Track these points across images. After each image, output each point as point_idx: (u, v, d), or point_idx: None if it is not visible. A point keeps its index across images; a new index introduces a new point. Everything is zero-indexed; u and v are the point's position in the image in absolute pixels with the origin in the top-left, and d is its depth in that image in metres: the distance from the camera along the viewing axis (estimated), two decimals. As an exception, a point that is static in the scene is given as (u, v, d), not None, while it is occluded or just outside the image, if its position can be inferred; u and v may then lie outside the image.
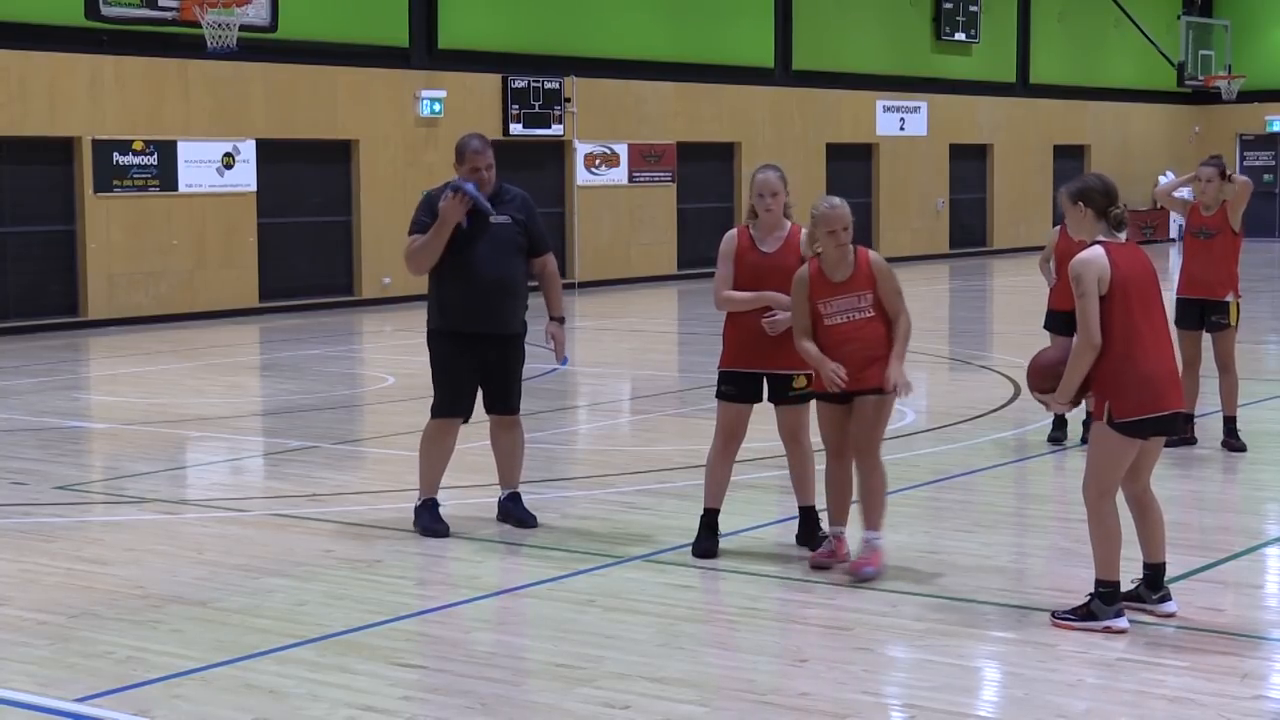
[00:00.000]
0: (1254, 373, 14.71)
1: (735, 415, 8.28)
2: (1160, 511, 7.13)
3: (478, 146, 8.75)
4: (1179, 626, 6.96)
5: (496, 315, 8.77)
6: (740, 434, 8.35)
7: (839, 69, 31.91)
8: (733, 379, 8.24)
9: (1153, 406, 6.83)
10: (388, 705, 6.05)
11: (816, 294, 7.82)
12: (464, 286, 8.71)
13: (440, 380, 8.91)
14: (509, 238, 8.78)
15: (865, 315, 7.79)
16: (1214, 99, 39.12)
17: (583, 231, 26.97)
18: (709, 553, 8.25)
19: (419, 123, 24.73)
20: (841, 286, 7.80)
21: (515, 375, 8.96)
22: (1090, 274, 6.83)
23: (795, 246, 8.17)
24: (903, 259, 32.37)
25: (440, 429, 8.96)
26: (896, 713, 6.06)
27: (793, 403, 8.27)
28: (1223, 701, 6.01)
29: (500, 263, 8.73)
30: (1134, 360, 6.83)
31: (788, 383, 8.21)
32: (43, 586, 7.83)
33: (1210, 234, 11.17)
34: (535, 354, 10.01)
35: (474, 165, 8.69)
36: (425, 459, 8.97)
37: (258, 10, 21.26)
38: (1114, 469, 6.90)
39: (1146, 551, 7.11)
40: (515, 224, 8.82)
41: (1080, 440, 11.43)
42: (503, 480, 9.11)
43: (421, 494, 8.99)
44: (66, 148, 21.16)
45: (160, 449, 11.97)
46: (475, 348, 8.79)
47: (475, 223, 8.70)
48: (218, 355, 18.35)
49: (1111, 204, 7.06)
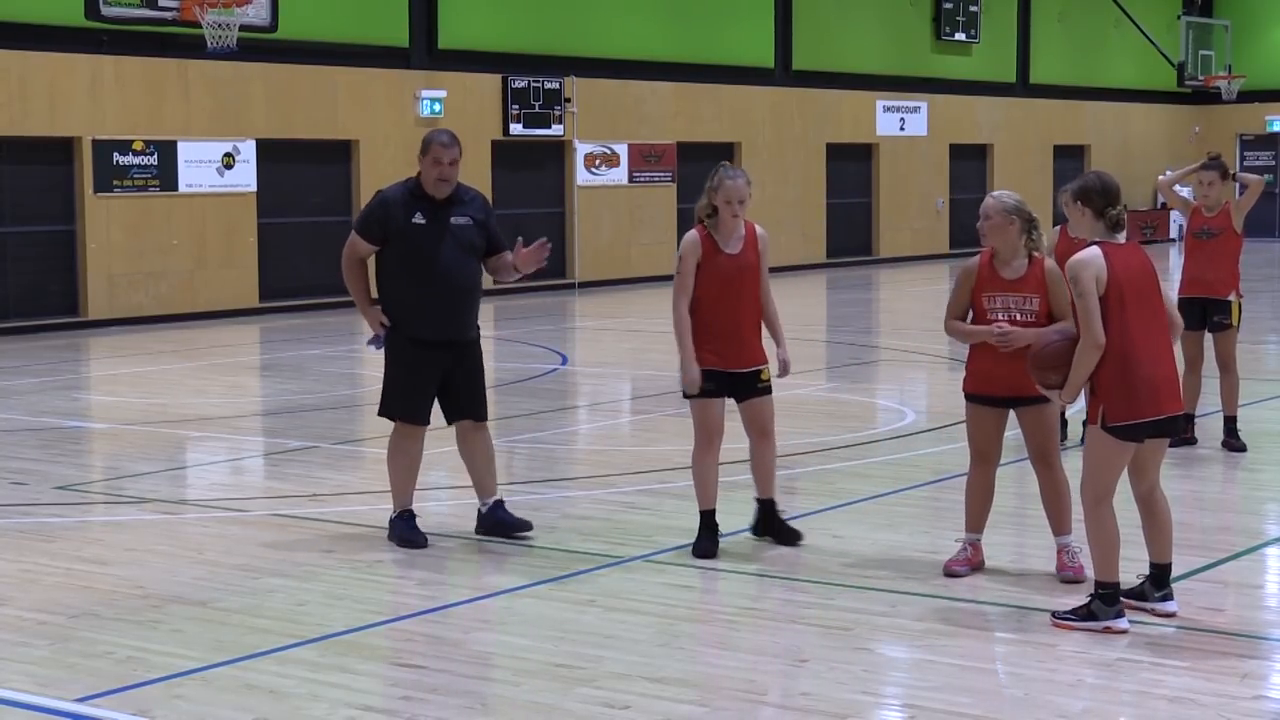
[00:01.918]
0: (1254, 373, 14.71)
1: (715, 411, 8.30)
2: (1168, 512, 7.12)
3: (445, 140, 8.45)
4: (1179, 626, 6.96)
5: (456, 319, 8.52)
6: (721, 429, 8.34)
7: (839, 69, 31.92)
8: (708, 376, 8.24)
9: (1147, 411, 6.82)
10: (388, 705, 6.05)
11: (982, 288, 7.75)
12: (424, 292, 8.45)
13: (404, 385, 8.57)
14: (468, 239, 8.53)
15: (1029, 319, 7.65)
16: (1214, 99, 39.13)
17: (583, 231, 26.97)
18: (709, 553, 8.24)
19: (419, 123, 24.71)
20: (1012, 285, 7.71)
21: (479, 379, 8.70)
22: (1087, 274, 6.83)
23: (755, 243, 8.32)
24: (903, 259, 32.42)
25: (407, 436, 8.63)
26: (896, 713, 6.06)
27: (761, 394, 8.33)
28: (1223, 701, 6.01)
29: (460, 265, 8.48)
30: (1129, 363, 6.81)
31: (756, 376, 8.30)
32: (43, 586, 7.83)
33: (1212, 234, 11.17)
34: (534, 354, 10.00)
35: (436, 157, 8.41)
36: (395, 470, 8.65)
37: (258, 10, 21.27)
38: (1109, 472, 6.90)
39: (1153, 551, 7.10)
40: (475, 224, 8.57)
41: (1080, 440, 11.43)
42: (482, 490, 8.76)
43: (395, 506, 8.68)
44: (66, 148, 21.16)
45: (160, 449, 11.97)
46: (434, 354, 8.53)
47: (434, 223, 8.46)
48: (218, 355, 18.35)
49: (1110, 204, 7.04)
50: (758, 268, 8.29)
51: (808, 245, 31.37)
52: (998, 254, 7.78)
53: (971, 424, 7.90)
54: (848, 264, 31.93)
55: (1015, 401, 7.73)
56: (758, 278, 8.31)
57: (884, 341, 19.15)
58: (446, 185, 8.50)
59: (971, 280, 7.79)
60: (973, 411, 7.87)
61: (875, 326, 21.49)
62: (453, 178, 8.50)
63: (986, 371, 7.75)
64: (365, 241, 8.65)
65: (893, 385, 15.67)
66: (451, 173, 8.48)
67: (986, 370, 7.75)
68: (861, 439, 11.94)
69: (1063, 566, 7.73)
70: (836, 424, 12.72)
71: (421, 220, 8.48)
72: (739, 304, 8.26)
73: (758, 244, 8.34)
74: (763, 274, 8.34)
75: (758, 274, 8.31)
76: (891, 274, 30.11)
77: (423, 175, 8.53)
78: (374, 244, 8.63)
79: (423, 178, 8.54)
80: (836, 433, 12.14)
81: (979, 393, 7.80)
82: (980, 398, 7.79)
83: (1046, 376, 7.10)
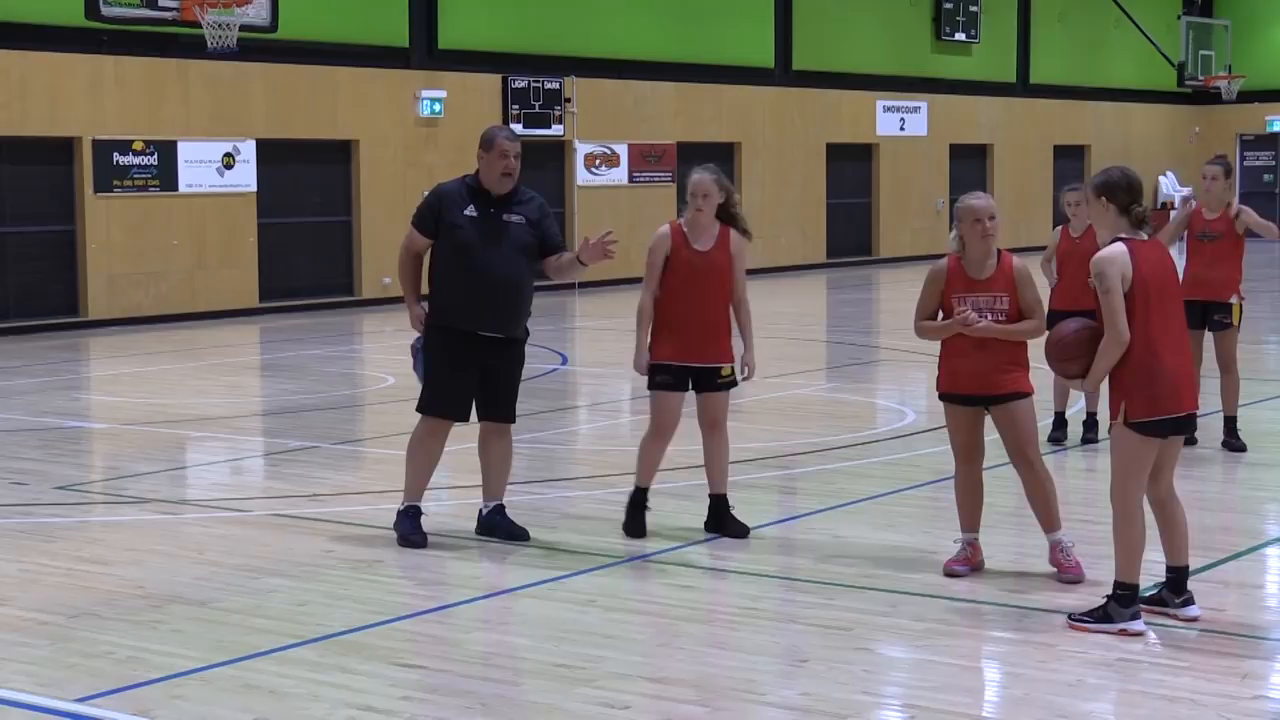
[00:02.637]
0: (1254, 373, 14.72)
1: (673, 404, 8.60)
2: (1183, 514, 7.10)
3: (509, 135, 8.53)
4: (1179, 626, 6.96)
5: (501, 315, 8.52)
6: (675, 423, 8.66)
7: (839, 69, 31.92)
8: (668, 370, 8.52)
9: (1169, 407, 6.81)
10: (388, 705, 6.05)
11: (952, 288, 7.75)
12: (470, 284, 8.46)
13: (436, 377, 8.60)
14: (519, 238, 8.55)
15: (999, 319, 7.66)
16: (1214, 99, 39.12)
17: (583, 231, 26.93)
18: (640, 532, 8.63)
19: (419, 123, 24.73)
20: (982, 284, 7.71)
21: (514, 381, 8.71)
22: (1113, 271, 6.78)
23: (727, 244, 8.53)
24: (903, 259, 32.40)
25: (431, 430, 8.66)
26: (896, 713, 6.06)
27: (719, 389, 8.59)
28: (1223, 701, 6.01)
29: (508, 262, 8.49)
30: (1151, 360, 6.79)
31: (716, 373, 8.55)
32: (43, 586, 7.83)
33: (1213, 236, 11.18)
34: (534, 354, 10.00)
35: (503, 151, 8.44)
36: (412, 462, 8.68)
37: (258, 10, 21.26)
38: (1138, 469, 6.86)
39: (1170, 554, 7.07)
40: (528, 224, 8.59)
41: (1080, 440, 11.44)
42: (489, 491, 8.76)
43: (406, 498, 8.70)
44: (66, 148, 21.16)
45: (160, 449, 11.97)
46: (476, 348, 8.54)
47: (485, 219, 8.50)
48: (218, 355, 18.35)
49: (1135, 200, 6.98)
50: (728, 268, 8.51)
51: (808, 245, 31.37)
52: (968, 255, 7.76)
53: (950, 424, 7.91)
54: (848, 264, 31.93)
55: (987, 400, 7.73)
56: (726, 278, 8.52)
57: (884, 341, 19.15)
58: (510, 179, 8.55)
59: (941, 281, 7.80)
60: (949, 411, 7.89)
61: (875, 326, 21.49)
62: (516, 172, 8.55)
63: (955, 370, 7.77)
64: (420, 234, 8.69)
65: (893, 385, 15.67)
66: (516, 167, 8.54)
67: (955, 368, 7.77)
68: (861, 439, 11.94)
69: (1061, 566, 7.72)
70: (836, 424, 12.72)
71: (474, 214, 8.53)
72: (705, 300, 8.48)
73: (730, 245, 8.54)
74: (736, 276, 8.56)
75: (727, 274, 8.52)
76: (891, 274, 30.09)
77: (484, 171, 8.55)
78: (428, 236, 8.66)
79: (483, 173, 8.56)
80: (836, 433, 12.14)
81: (951, 392, 7.81)
82: (954, 397, 7.80)
83: (1067, 367, 7.05)
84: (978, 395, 7.73)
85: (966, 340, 7.69)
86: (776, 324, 21.37)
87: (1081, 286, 11.13)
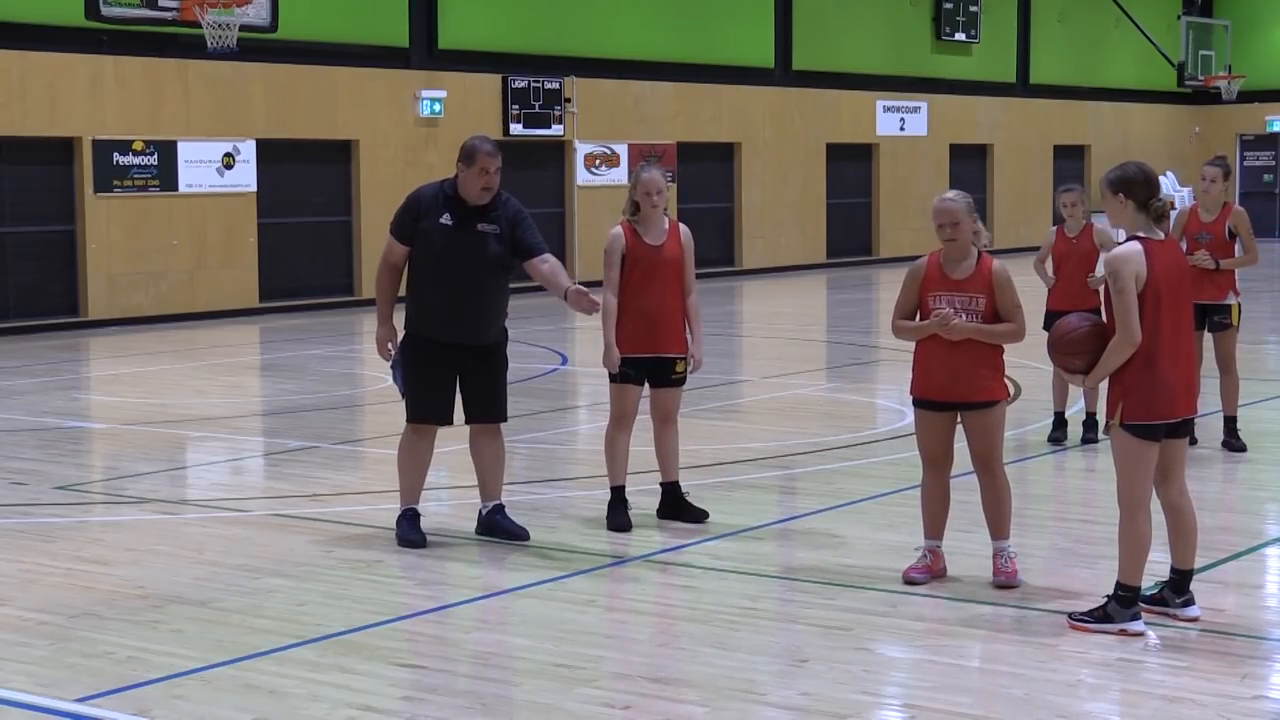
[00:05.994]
0: (1254, 373, 14.72)
1: (630, 396, 8.92)
2: (1194, 518, 7.06)
3: (490, 150, 8.47)
4: (1179, 626, 6.96)
5: (469, 326, 8.50)
6: (634, 413, 8.96)
7: (839, 69, 31.92)
8: (629, 363, 8.83)
9: (1164, 412, 6.79)
10: (388, 705, 6.05)
11: (929, 288, 7.70)
12: (439, 295, 8.45)
13: (413, 384, 8.63)
14: (491, 249, 8.48)
15: (975, 319, 7.58)
16: (1214, 99, 39.12)
17: (583, 231, 26.97)
18: (624, 527, 8.81)
19: (419, 123, 24.74)
20: (958, 285, 7.66)
21: (497, 382, 8.67)
22: (1128, 270, 6.72)
23: (678, 237, 8.88)
24: (903, 259, 32.35)
25: (415, 435, 8.68)
26: (896, 713, 6.06)
27: (673, 385, 8.94)
28: (1223, 701, 6.01)
29: (477, 274, 8.44)
30: (1154, 365, 6.76)
31: (671, 366, 8.88)
32: (43, 586, 7.83)
33: (1211, 238, 11.17)
34: (534, 354, 9.99)
35: (484, 167, 8.42)
36: (402, 468, 8.72)
37: (258, 10, 21.27)
38: (1140, 470, 6.82)
39: (1176, 556, 7.05)
40: (499, 234, 8.51)
41: (1080, 440, 11.44)
42: (486, 492, 8.77)
43: (402, 503, 8.72)
44: (66, 148, 21.16)
45: (160, 449, 11.97)
46: (449, 355, 8.53)
47: (460, 227, 8.45)
48: (218, 355, 18.36)
49: (1153, 195, 6.90)
50: (681, 261, 8.88)
51: (808, 245, 31.38)
52: (948, 254, 7.75)
53: (920, 429, 7.83)
54: (848, 264, 31.94)
55: (959, 406, 7.66)
56: (680, 270, 8.89)
57: (884, 341, 19.14)
58: (489, 194, 8.51)
59: (919, 281, 7.75)
60: (919, 417, 7.80)
61: (875, 326, 21.48)
62: (495, 185, 8.52)
63: (927, 374, 7.70)
64: (398, 241, 8.63)
65: (893, 385, 15.65)
66: (496, 181, 8.50)
67: (927, 372, 7.71)
68: (861, 439, 11.94)
69: (997, 571, 7.66)
70: (836, 424, 12.72)
71: (449, 222, 8.49)
72: (662, 293, 8.81)
73: (681, 238, 8.91)
74: (686, 269, 8.92)
75: (680, 267, 8.89)
76: (891, 274, 30.06)
77: (464, 182, 8.49)
78: (406, 244, 8.60)
79: (463, 185, 8.50)
80: (836, 433, 12.14)
81: (923, 397, 7.74)
82: (925, 402, 7.73)
83: (1071, 361, 7.00)
84: (951, 402, 7.67)
85: (941, 342, 7.62)
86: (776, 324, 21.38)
87: (1080, 286, 11.16)
